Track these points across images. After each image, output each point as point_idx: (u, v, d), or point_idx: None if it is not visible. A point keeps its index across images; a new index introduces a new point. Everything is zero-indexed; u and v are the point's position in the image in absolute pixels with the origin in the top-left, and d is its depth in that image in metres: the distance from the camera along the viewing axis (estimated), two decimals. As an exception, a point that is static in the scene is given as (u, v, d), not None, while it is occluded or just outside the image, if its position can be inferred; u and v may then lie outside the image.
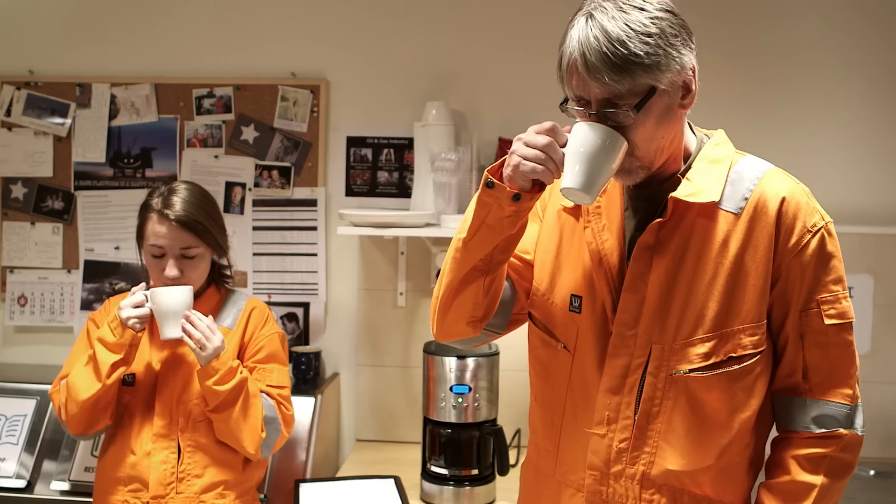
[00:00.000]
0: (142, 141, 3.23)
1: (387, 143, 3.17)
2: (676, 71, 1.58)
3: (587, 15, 1.55)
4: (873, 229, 3.00)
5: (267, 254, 3.21)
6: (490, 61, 3.11)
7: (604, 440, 1.67)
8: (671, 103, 1.60)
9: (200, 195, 2.44)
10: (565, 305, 1.73)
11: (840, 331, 1.65)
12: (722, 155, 1.70)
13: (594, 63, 1.52)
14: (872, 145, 3.06)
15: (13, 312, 3.29)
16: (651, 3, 1.56)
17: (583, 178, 1.52)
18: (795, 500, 1.64)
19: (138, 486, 2.31)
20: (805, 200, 1.66)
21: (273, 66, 3.19)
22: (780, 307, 1.64)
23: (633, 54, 1.51)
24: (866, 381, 2.96)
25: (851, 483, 2.71)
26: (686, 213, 1.62)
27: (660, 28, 1.54)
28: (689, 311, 1.62)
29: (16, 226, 3.28)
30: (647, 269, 1.64)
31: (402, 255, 3.14)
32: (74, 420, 2.32)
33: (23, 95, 3.25)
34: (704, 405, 1.64)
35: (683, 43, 1.60)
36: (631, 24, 1.52)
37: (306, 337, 3.22)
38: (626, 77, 1.52)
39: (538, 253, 1.82)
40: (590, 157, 1.53)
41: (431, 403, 2.63)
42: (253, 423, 2.34)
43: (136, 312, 2.27)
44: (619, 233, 1.69)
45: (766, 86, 3.05)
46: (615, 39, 1.51)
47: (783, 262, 1.62)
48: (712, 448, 1.65)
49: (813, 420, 1.65)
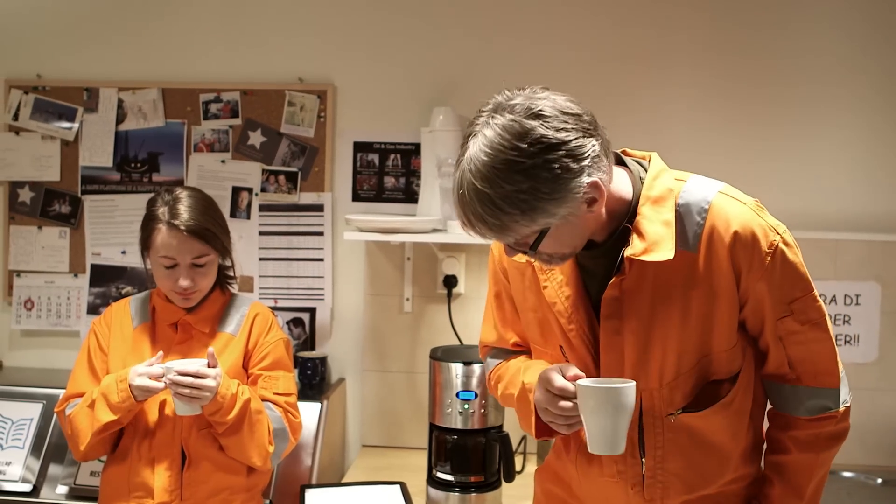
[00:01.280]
0: (149, 145, 3.23)
1: (394, 148, 3.17)
2: (566, 205, 1.50)
3: (464, 161, 1.49)
4: (880, 236, 2.99)
5: (273, 259, 3.21)
6: (497, 66, 3.11)
7: (618, 485, 1.75)
8: (575, 223, 1.56)
9: (204, 201, 2.44)
10: (559, 354, 1.78)
11: (816, 328, 1.70)
12: (663, 190, 1.65)
13: (476, 224, 1.51)
14: (879, 152, 3.05)
15: (20, 316, 3.30)
16: (522, 146, 1.45)
17: (612, 444, 1.58)
18: (797, 477, 1.74)
19: (143, 494, 2.30)
20: (757, 223, 1.64)
21: (280, 71, 3.19)
22: (755, 320, 1.69)
23: (510, 215, 1.47)
24: (874, 390, 3.00)
25: (859, 492, 2.77)
26: (646, 265, 1.62)
27: (533, 181, 1.45)
28: (668, 356, 1.66)
29: (23, 230, 3.28)
30: (619, 324, 1.67)
31: (408, 261, 3.14)
32: (79, 454, 2.35)
33: (30, 100, 3.26)
34: (706, 434, 1.71)
35: (570, 174, 1.48)
36: (503, 181, 1.45)
37: (312, 342, 3.22)
38: (509, 233, 1.52)
39: (520, 313, 1.87)
40: (609, 422, 1.57)
41: (437, 409, 2.62)
42: (260, 440, 2.34)
43: (149, 384, 2.23)
44: (577, 286, 1.71)
45: (772, 92, 3.04)
46: (488, 202, 1.46)
47: (749, 286, 1.64)
48: (727, 465, 1.75)
49: (807, 408, 1.73)
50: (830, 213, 3.04)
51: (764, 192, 2.08)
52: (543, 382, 1.64)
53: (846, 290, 3.02)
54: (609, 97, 3.04)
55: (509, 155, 1.45)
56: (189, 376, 2.21)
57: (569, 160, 1.47)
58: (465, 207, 1.50)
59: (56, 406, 2.47)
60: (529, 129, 1.46)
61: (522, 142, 1.45)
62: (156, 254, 2.36)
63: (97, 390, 2.30)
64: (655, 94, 3.07)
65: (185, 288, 2.34)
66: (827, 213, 3.03)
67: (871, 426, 3.02)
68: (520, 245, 1.57)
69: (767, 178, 3.02)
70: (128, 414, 2.28)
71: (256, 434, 2.33)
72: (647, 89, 3.07)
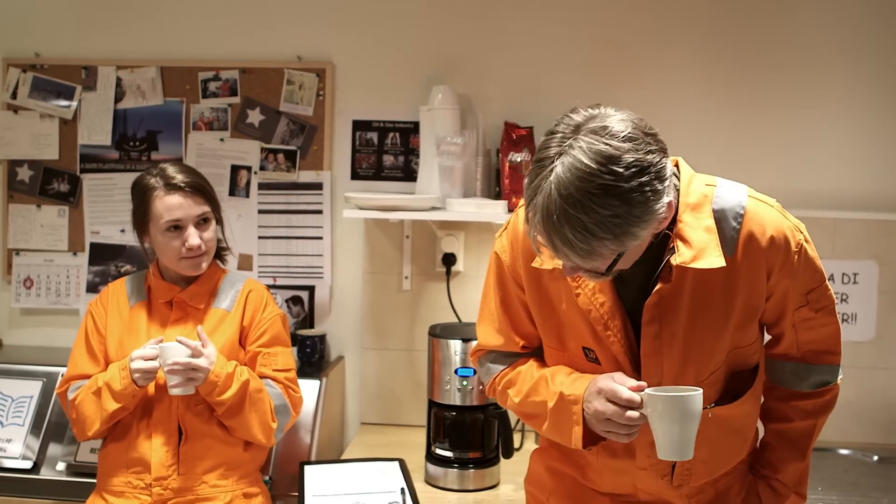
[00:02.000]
0: (147, 124, 3.23)
1: (392, 126, 3.16)
2: (653, 225, 1.52)
3: (551, 184, 1.45)
4: (878, 215, 3.00)
5: (272, 237, 3.21)
6: (496, 45, 3.11)
7: (648, 473, 1.81)
8: (646, 240, 1.58)
9: (189, 166, 2.49)
10: (581, 357, 1.80)
11: (827, 314, 1.82)
12: (699, 196, 1.68)
13: (562, 249, 1.49)
14: (876, 132, 3.05)
15: (19, 295, 3.30)
16: (622, 172, 1.44)
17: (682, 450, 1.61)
18: (802, 439, 1.88)
19: (140, 469, 2.32)
20: (786, 225, 1.72)
21: (279, 50, 3.18)
22: (775, 312, 1.79)
23: (600, 241, 1.46)
24: (871, 368, 3.02)
25: (855, 469, 2.80)
26: (686, 269, 1.64)
27: (628, 205, 1.45)
28: (705, 356, 1.73)
29: (22, 208, 3.28)
30: (658, 329, 1.70)
31: (407, 239, 3.14)
32: (84, 437, 2.40)
33: (28, 78, 3.25)
34: (734, 422, 1.81)
35: (655, 197, 1.48)
36: (598, 206, 1.43)
37: (311, 320, 3.23)
38: (594, 258, 1.50)
39: (535, 319, 1.86)
40: (681, 430, 1.60)
41: (436, 386, 2.63)
42: (262, 418, 2.36)
43: (144, 366, 2.26)
44: (611, 294, 1.71)
45: (770, 72, 3.04)
46: (582, 228, 1.44)
47: (777, 283, 1.73)
48: (745, 446, 1.88)
49: (809, 384, 1.87)
50: (829, 192, 3.04)
51: (763, 171, 2.08)
52: (607, 394, 1.64)
53: (844, 268, 3.03)
54: (607, 76, 3.04)
55: (605, 179, 1.43)
56: (182, 356, 2.23)
57: (656, 182, 1.48)
58: (552, 233, 1.47)
59: (57, 388, 2.50)
60: (623, 152, 1.44)
61: (618, 166, 1.43)
62: (158, 221, 2.36)
63: (101, 378, 2.32)
64: (654, 75, 3.06)
65: (196, 247, 2.36)
66: (825, 192, 3.03)
67: (868, 404, 3.03)
68: (592, 269, 1.55)
69: (766, 157, 3.02)
70: (132, 400, 2.31)
71: (259, 413, 2.35)
72: (646, 69, 3.06)
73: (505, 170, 2.89)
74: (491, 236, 3.08)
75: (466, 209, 2.82)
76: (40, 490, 2.70)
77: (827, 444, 2.90)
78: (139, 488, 2.31)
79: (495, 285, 1.92)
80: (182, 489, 2.32)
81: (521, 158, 2.86)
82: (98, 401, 2.31)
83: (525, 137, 2.90)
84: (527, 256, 1.78)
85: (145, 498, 2.31)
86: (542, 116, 3.00)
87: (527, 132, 2.91)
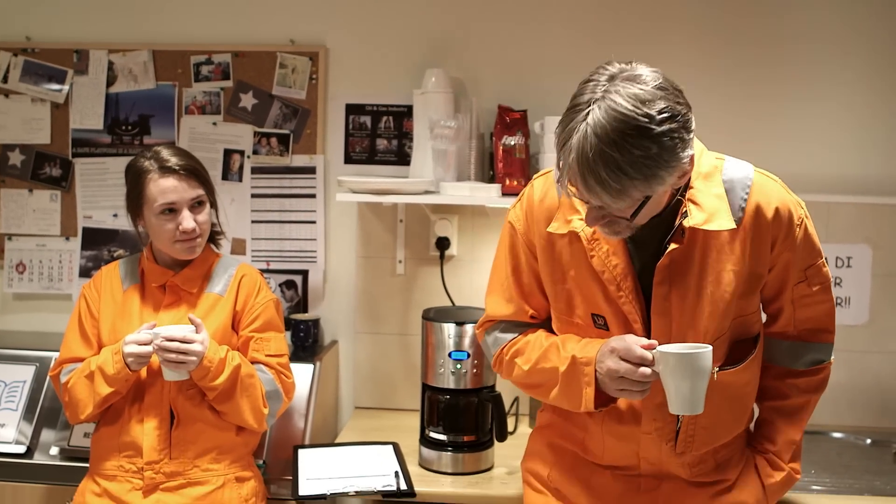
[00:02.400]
0: (140, 108, 3.21)
1: (386, 110, 3.15)
2: (676, 174, 1.62)
3: (587, 125, 1.55)
4: (871, 199, 2.99)
5: (265, 221, 3.20)
6: (490, 28, 3.09)
7: (652, 438, 1.89)
8: (667, 192, 1.69)
9: (184, 149, 2.47)
10: (589, 323, 1.90)
11: (823, 291, 1.96)
12: (710, 167, 1.81)
13: (593, 185, 1.57)
14: (871, 115, 3.04)
15: (11, 280, 3.29)
16: (655, 115, 1.54)
17: (692, 405, 1.70)
18: (797, 414, 2.00)
19: (132, 453, 2.32)
20: (789, 200, 1.86)
21: (272, 33, 3.16)
22: (775, 285, 1.92)
23: (631, 181, 1.55)
24: (864, 352, 3.02)
25: (849, 451, 2.81)
26: (695, 234, 1.77)
27: (659, 147, 1.55)
28: (712, 319, 1.82)
29: (13, 193, 3.27)
30: (668, 290, 1.81)
31: (400, 223, 3.14)
32: (77, 421, 2.40)
33: (19, 62, 3.23)
34: (736, 388, 1.90)
35: (682, 145, 1.59)
36: (633, 147, 1.53)
37: (305, 304, 3.22)
38: (623, 198, 1.59)
39: (546, 285, 1.96)
40: (692, 385, 1.68)
41: (430, 370, 2.63)
42: (254, 403, 2.36)
43: (138, 350, 2.25)
44: (625, 256, 1.81)
45: (765, 55, 3.03)
46: (615, 166, 1.53)
47: (779, 255, 1.86)
48: (745, 416, 1.97)
49: (804, 362, 2.00)
50: (823, 176, 3.03)
51: (756, 154, 2.09)
52: (620, 352, 1.73)
53: (838, 252, 3.03)
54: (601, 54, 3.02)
55: (640, 121, 1.52)
56: (176, 341, 2.22)
57: (683, 132, 1.58)
58: (587, 172, 1.55)
59: (50, 370, 2.50)
60: (657, 98, 1.55)
61: (651, 109, 1.53)
62: (153, 204, 2.35)
63: (94, 362, 2.31)
64: (649, 60, 3.02)
65: (190, 229, 2.35)
66: (819, 175, 3.03)
67: (861, 387, 3.04)
68: (618, 214, 1.64)
69: (760, 140, 3.01)
70: (125, 384, 2.30)
71: (250, 398, 2.35)
72: (641, 55, 3.00)
73: (499, 153, 2.88)
74: (484, 220, 3.09)
75: (460, 192, 2.82)
76: (34, 474, 2.70)
77: (820, 427, 2.91)
78: (131, 472, 2.31)
79: (508, 254, 2.02)
80: (174, 473, 2.32)
81: (515, 142, 2.86)
82: (91, 384, 2.31)
83: (519, 121, 2.89)
84: (542, 223, 1.89)
85: (137, 482, 2.30)
86: (535, 100, 2.99)
87: (520, 115, 2.90)
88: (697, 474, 1.96)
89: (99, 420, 2.42)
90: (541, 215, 1.91)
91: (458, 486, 2.50)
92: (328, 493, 2.38)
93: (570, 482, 2.04)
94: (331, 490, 2.39)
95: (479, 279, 3.12)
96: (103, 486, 2.32)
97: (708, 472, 1.96)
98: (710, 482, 1.97)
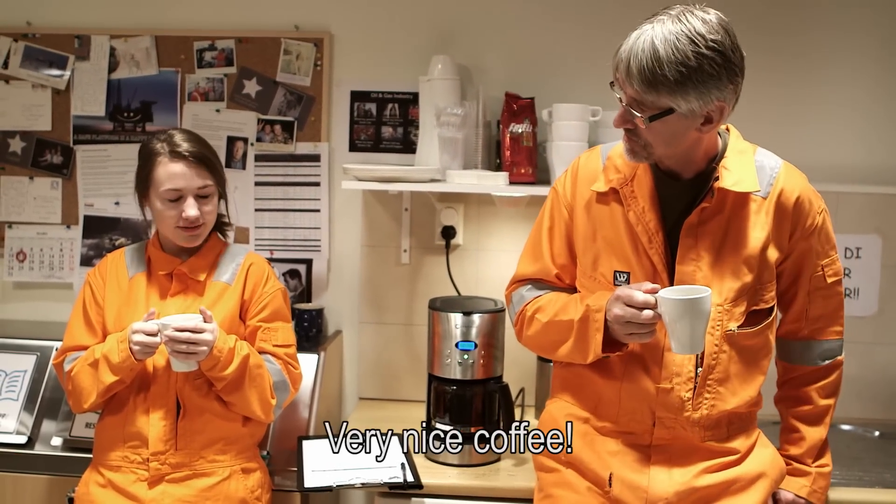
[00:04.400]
0: (142, 94, 3.17)
1: (391, 97, 3.12)
2: (699, 104, 1.79)
3: (652, 22, 1.78)
4: (881, 189, 2.99)
5: (269, 210, 3.17)
6: (497, 15, 3.06)
7: (671, 393, 1.99)
8: (687, 126, 1.84)
9: (200, 136, 2.43)
10: (609, 282, 2.03)
11: (836, 284, 2.13)
12: (745, 146, 2.02)
13: (632, 70, 1.78)
14: (880, 104, 3.03)
15: (12, 268, 3.26)
16: (707, 38, 1.75)
17: (693, 345, 1.84)
18: (820, 419, 2.18)
19: (138, 443, 2.30)
20: (812, 191, 2.05)
21: (276, 19, 3.13)
22: (792, 273, 2.08)
23: (663, 76, 1.74)
24: (873, 343, 3.01)
25: (857, 444, 2.80)
26: (725, 197, 1.95)
27: (699, 64, 1.74)
28: (733, 279, 1.97)
29: (14, 180, 3.23)
30: (694, 245, 1.96)
31: (406, 212, 3.11)
32: (80, 410, 2.37)
33: (20, 47, 3.20)
34: (750, 351, 2.02)
35: (717, 84, 1.78)
36: (677, 50, 1.73)
37: (309, 294, 3.20)
38: (651, 91, 1.78)
39: (577, 242, 2.12)
40: (691, 326, 1.81)
41: (436, 360, 2.61)
42: (262, 394, 2.34)
43: (145, 340, 2.22)
44: (657, 214, 1.98)
45: (773, 44, 3.01)
46: (655, 57, 1.74)
47: (798, 241, 2.03)
48: (756, 383, 2.05)
49: (818, 356, 2.16)
50: (832, 166, 3.01)
51: (766, 143, 2.08)
52: (624, 299, 1.86)
53: (847, 242, 3.01)
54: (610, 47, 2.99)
55: (695, 37, 1.74)
56: (185, 331, 2.19)
57: (724, 73, 1.77)
58: (631, 56, 1.77)
59: (53, 359, 2.47)
60: (713, 32, 1.76)
61: (704, 36, 1.74)
62: (159, 188, 2.32)
63: (99, 350, 2.28)
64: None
65: (193, 219, 2.32)
66: (828, 165, 3.01)
67: (870, 379, 3.03)
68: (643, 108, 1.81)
69: (769, 130, 2.98)
70: (130, 373, 2.27)
71: (258, 389, 2.33)
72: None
73: (506, 141, 2.85)
74: (491, 209, 3.06)
75: (466, 181, 2.79)
76: (35, 465, 2.67)
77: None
78: (136, 463, 2.29)
79: (548, 215, 2.19)
80: (180, 464, 2.29)
81: (523, 130, 2.83)
82: (95, 373, 2.28)
83: (526, 108, 2.86)
84: (585, 184, 2.09)
85: (142, 472, 2.28)
86: (543, 87, 2.97)
87: (528, 103, 2.87)
88: (710, 438, 2.03)
89: (103, 410, 2.39)
90: (585, 177, 2.10)
91: (464, 478, 2.48)
92: (334, 486, 2.35)
93: (581, 450, 2.09)
94: (337, 482, 2.37)
95: (485, 268, 3.10)
96: (108, 476, 2.30)
97: (720, 438, 2.04)
98: (719, 451, 2.04)
